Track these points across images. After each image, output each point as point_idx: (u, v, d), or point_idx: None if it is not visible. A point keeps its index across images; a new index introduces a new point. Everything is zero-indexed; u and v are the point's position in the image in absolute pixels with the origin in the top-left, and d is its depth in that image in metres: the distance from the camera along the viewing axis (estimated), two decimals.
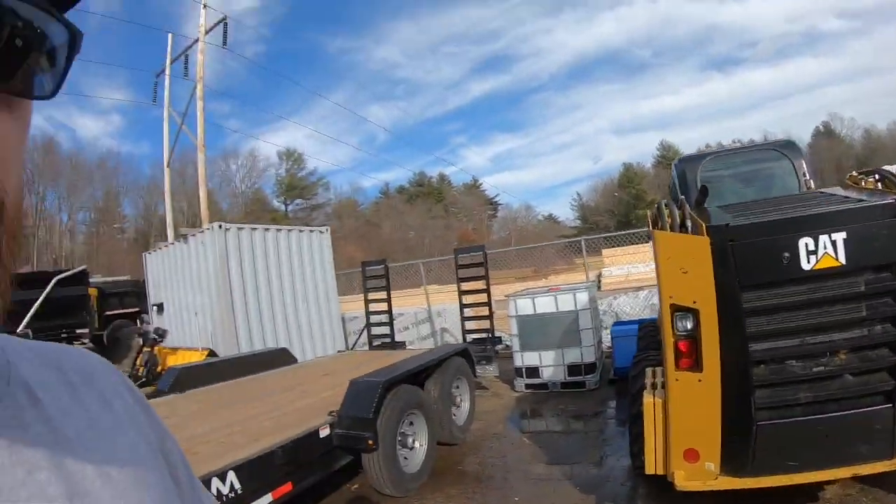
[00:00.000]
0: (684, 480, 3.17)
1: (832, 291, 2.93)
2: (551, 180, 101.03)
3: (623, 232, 15.73)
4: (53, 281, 12.15)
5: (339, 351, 10.08)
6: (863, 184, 3.80)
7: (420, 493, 4.71)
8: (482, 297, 9.27)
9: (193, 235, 10.00)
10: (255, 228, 9.85)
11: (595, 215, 59.49)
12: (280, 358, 7.80)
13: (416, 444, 5.04)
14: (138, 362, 9.67)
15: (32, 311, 11.29)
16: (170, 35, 19.00)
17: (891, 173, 3.56)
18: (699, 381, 3.07)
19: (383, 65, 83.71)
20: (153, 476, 0.49)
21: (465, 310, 9.44)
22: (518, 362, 7.94)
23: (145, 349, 9.78)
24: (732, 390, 3.03)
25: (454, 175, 64.87)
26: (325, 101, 76.75)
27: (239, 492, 3.51)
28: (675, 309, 3.14)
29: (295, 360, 8.02)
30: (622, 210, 58.40)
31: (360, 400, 4.54)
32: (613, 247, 16.99)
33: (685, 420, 3.17)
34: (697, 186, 4.56)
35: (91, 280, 14.95)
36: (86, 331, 13.02)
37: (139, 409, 0.55)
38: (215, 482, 3.37)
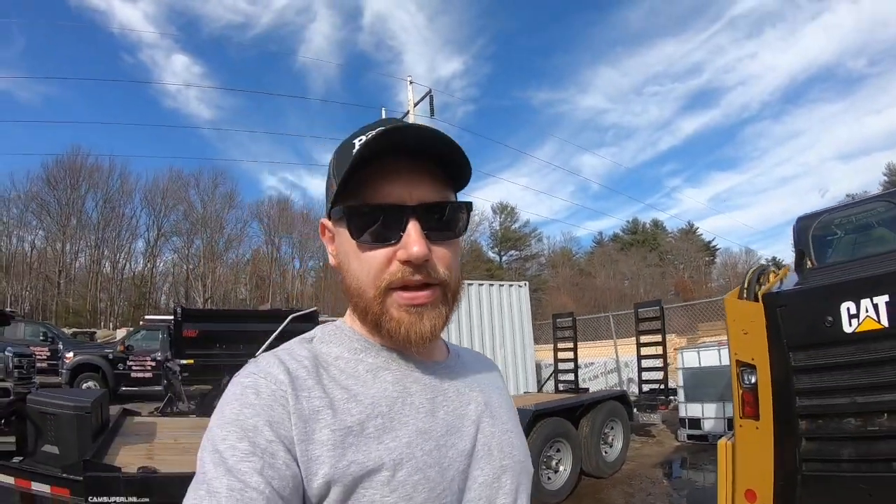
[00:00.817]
0: None
1: (878, 353, 3.17)
2: (776, 219, 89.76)
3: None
4: (289, 318, 14.88)
5: (525, 392, 11.07)
6: None
7: None
8: (659, 350, 9.67)
9: None
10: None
11: None
12: None
13: (561, 468, 5.87)
14: None
15: (270, 340, 13.99)
16: (382, 109, 22.05)
17: None
18: (756, 428, 3.53)
19: (590, 112, 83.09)
20: (508, 410, 0.94)
21: (643, 361, 9.89)
22: (682, 413, 8.19)
23: None
24: (783, 440, 3.42)
25: (669, 221, 61.55)
26: (538, 154, 78.95)
27: None
28: (740, 364, 3.67)
29: None
30: None
31: None
32: None
33: (746, 462, 3.60)
34: (811, 246, 4.79)
35: (321, 318, 17.80)
36: None
37: (502, 383, 1.01)
38: None
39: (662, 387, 9.24)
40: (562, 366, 11.33)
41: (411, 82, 20.64)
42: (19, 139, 54.26)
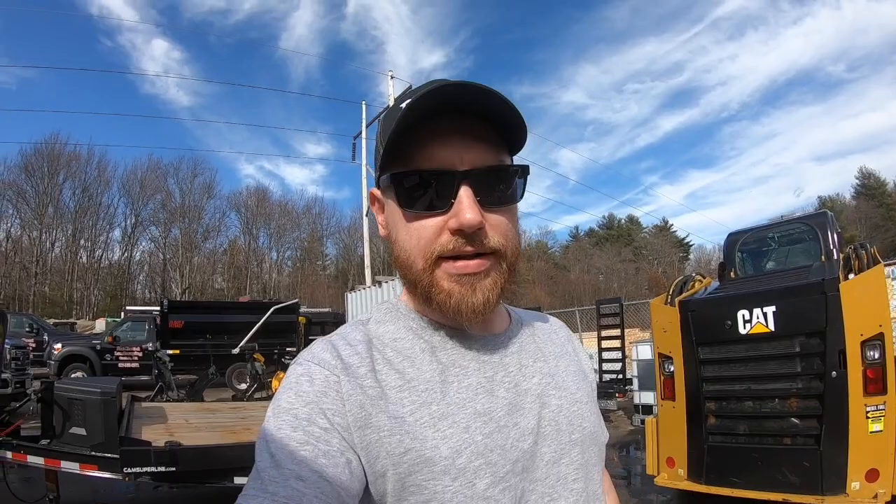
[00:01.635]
0: (662, 480, 4.44)
1: (766, 351, 4.05)
2: (750, 217, 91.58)
3: None
4: (272, 309, 15.35)
5: None
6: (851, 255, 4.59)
7: None
8: (619, 343, 10.59)
9: (386, 282, 12.69)
10: None
11: None
12: None
13: None
14: None
15: (253, 330, 14.45)
16: (363, 103, 22.21)
17: (863, 248, 4.49)
18: (673, 407, 4.37)
19: (570, 108, 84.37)
20: (578, 377, 0.86)
21: (604, 353, 10.79)
22: (636, 400, 9.08)
23: None
24: (693, 417, 4.27)
25: (644, 217, 63.29)
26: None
27: None
28: (661, 356, 4.51)
29: None
30: None
31: None
32: None
33: (666, 435, 4.45)
34: (737, 259, 5.66)
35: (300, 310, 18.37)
36: (294, 350, 15.33)
37: (571, 347, 0.92)
38: None
39: (620, 376, 10.14)
40: None
41: (392, 77, 20.73)
42: None
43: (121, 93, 61.27)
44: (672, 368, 4.44)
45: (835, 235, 5.49)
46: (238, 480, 4.51)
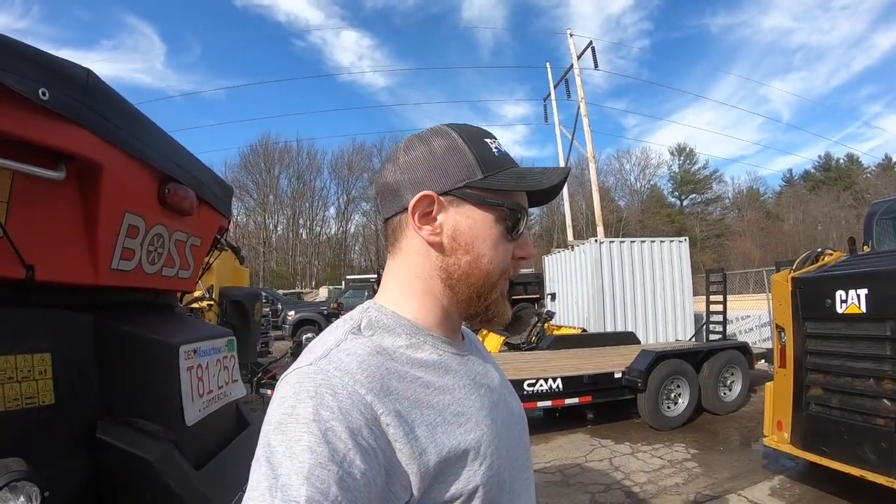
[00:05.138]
0: (770, 441, 5.05)
1: (859, 331, 4.34)
2: None
3: None
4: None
5: (676, 339, 12.55)
6: None
7: (670, 432, 7.13)
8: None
9: (578, 246, 13.87)
10: (622, 241, 13.21)
11: None
12: (626, 338, 10.92)
13: (680, 400, 7.44)
14: (532, 333, 12.42)
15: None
16: (548, 64, 23.07)
17: None
18: (784, 375, 4.98)
19: (774, 34, 74.94)
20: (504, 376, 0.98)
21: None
22: None
23: (538, 325, 12.53)
24: (798, 386, 4.82)
25: (865, 156, 54.62)
26: (721, 86, 71.67)
27: (559, 390, 6.96)
28: (777, 327, 5.18)
29: (638, 342, 10.84)
30: None
31: (642, 360, 7.32)
32: None
33: (778, 400, 5.04)
34: (872, 231, 5.87)
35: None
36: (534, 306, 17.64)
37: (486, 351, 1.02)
38: (548, 382, 6.89)
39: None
40: (716, 317, 12.41)
41: (571, 35, 20.85)
42: (212, 135, 64.23)
43: (321, 86, 68.99)
44: (785, 339, 5.04)
45: None
46: None
